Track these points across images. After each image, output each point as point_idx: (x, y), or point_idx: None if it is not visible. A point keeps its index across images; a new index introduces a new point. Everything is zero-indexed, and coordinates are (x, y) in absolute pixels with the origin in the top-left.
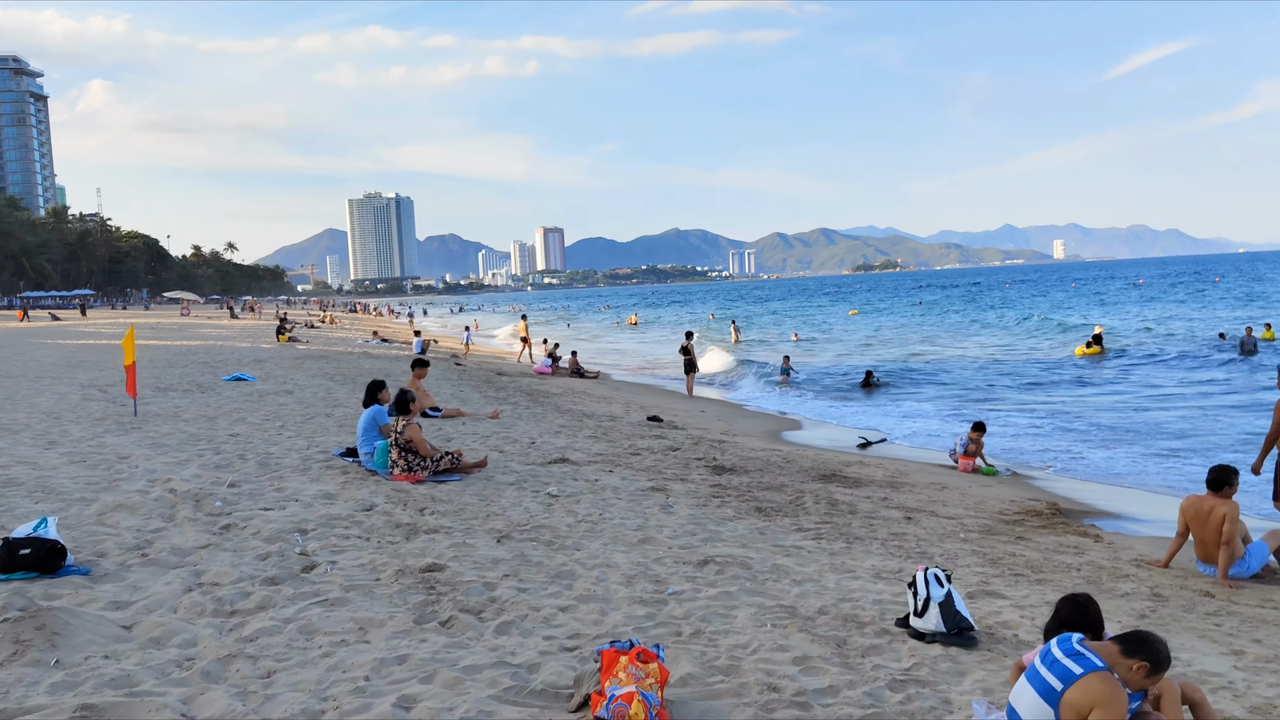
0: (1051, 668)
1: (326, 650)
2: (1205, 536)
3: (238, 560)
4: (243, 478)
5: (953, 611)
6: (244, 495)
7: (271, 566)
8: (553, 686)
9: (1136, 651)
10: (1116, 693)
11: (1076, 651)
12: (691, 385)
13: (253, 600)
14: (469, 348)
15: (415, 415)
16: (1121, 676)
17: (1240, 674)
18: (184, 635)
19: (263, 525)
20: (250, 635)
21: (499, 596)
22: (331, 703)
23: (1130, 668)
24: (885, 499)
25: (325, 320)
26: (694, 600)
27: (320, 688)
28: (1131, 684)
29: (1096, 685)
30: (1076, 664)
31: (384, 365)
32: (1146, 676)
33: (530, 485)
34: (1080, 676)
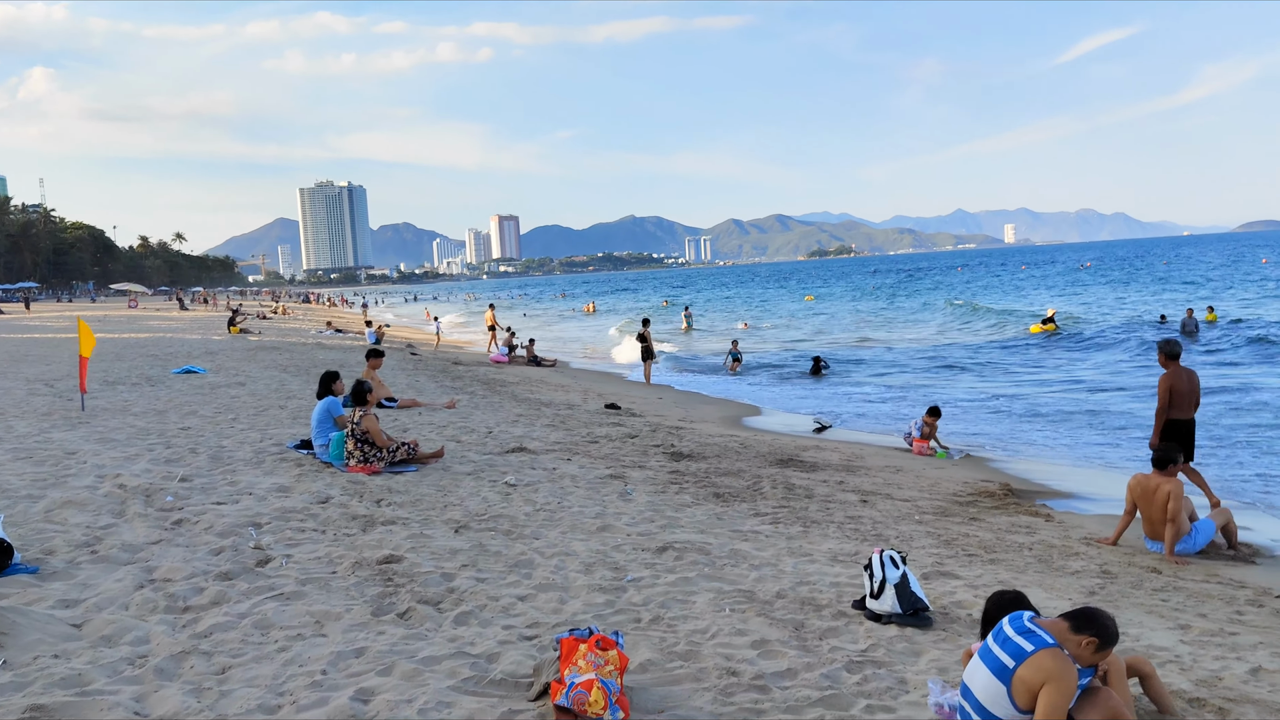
0: (1004, 645)
1: (282, 645)
2: (1152, 514)
3: (190, 556)
4: (194, 472)
5: (908, 593)
6: (196, 490)
7: (225, 561)
8: (512, 676)
9: (1085, 628)
10: (1067, 669)
11: (1028, 629)
12: (649, 373)
13: (206, 596)
14: (440, 338)
15: (372, 406)
16: (1071, 653)
17: (1187, 648)
18: (136, 633)
19: (215, 520)
20: (204, 631)
21: (457, 587)
22: (288, 697)
23: (1080, 644)
24: (841, 483)
25: (278, 311)
26: (653, 586)
27: (276, 683)
28: (1081, 660)
29: (1048, 662)
30: (1028, 641)
31: (338, 356)
32: (1095, 652)
33: (488, 475)
34: (1032, 653)
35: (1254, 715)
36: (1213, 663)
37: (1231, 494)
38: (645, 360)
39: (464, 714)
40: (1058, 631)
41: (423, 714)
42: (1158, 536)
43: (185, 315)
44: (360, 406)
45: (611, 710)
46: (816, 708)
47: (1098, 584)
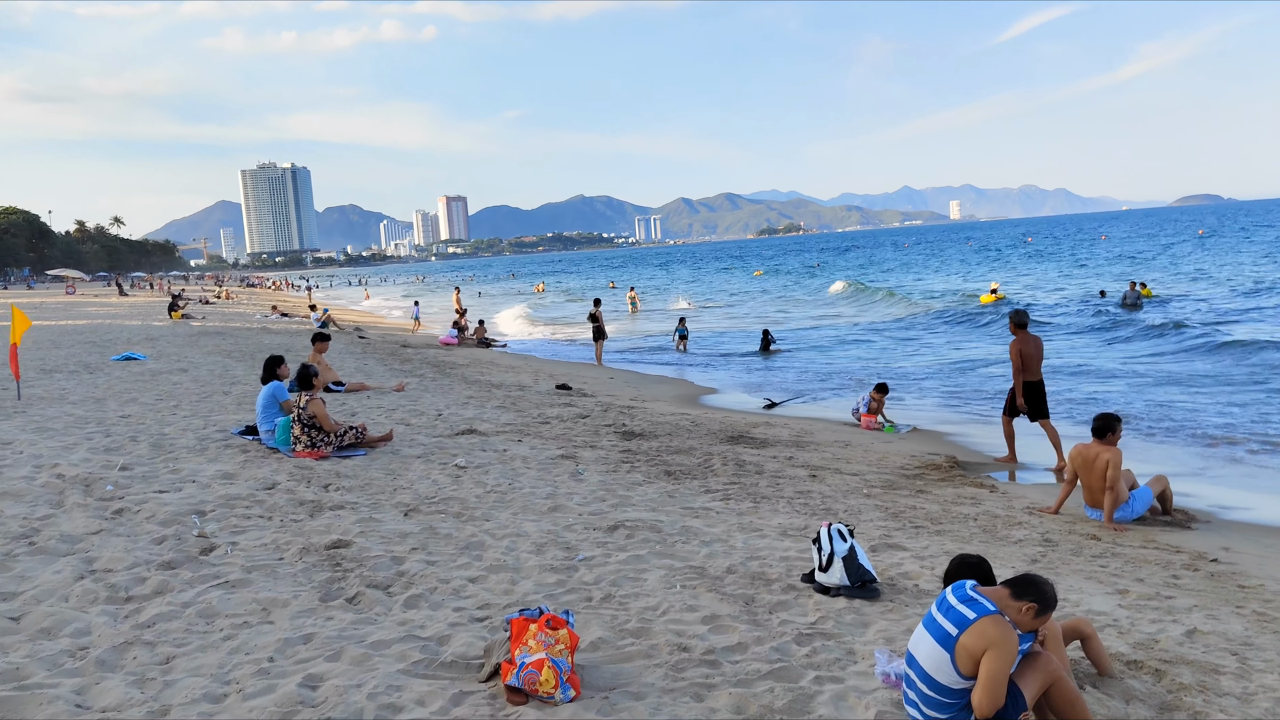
0: (947, 614)
1: (228, 633)
2: (1091, 482)
3: (131, 545)
4: (135, 460)
5: (856, 565)
6: (137, 478)
7: (168, 550)
8: (463, 658)
9: (1025, 594)
10: (1008, 635)
11: (970, 597)
12: (600, 353)
13: (149, 585)
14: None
15: (318, 390)
16: (1012, 619)
17: (1125, 612)
18: (76, 624)
19: (157, 508)
20: (147, 621)
21: (407, 570)
22: (234, 686)
23: (1020, 609)
24: (791, 458)
25: (221, 296)
26: (604, 565)
27: (222, 671)
28: (1022, 625)
29: (989, 629)
30: (970, 609)
31: (284, 340)
32: (1035, 617)
33: (438, 457)
34: (974, 621)
35: (1189, 676)
36: (1149, 626)
37: (1174, 460)
38: (596, 340)
39: (414, 697)
40: (999, 598)
41: (372, 698)
42: (1096, 504)
43: (125, 301)
44: (306, 391)
45: (563, 689)
46: (766, 680)
47: (1039, 552)
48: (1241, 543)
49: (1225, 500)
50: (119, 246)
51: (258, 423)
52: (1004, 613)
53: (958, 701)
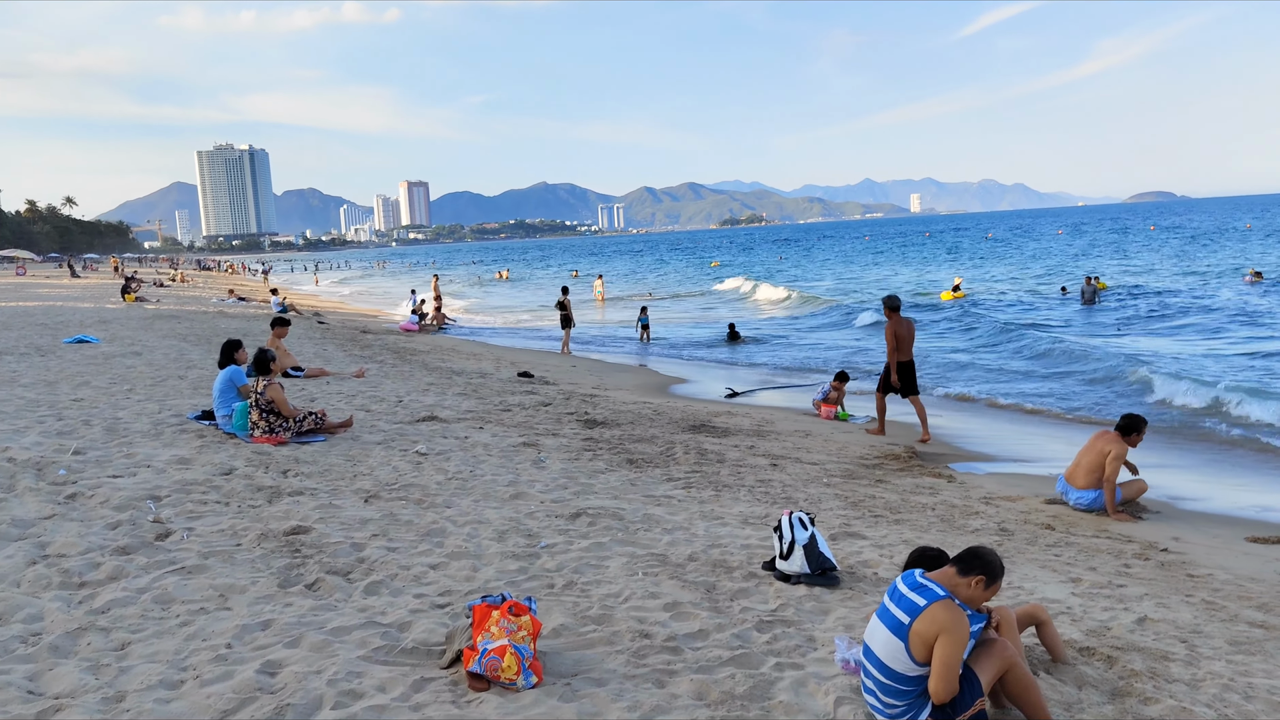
0: (899, 603)
1: (184, 619)
2: (1082, 459)
3: (85, 530)
4: (88, 444)
5: (816, 553)
6: (90, 463)
7: (123, 536)
8: (424, 644)
9: (972, 568)
10: (959, 619)
11: (920, 584)
12: (567, 341)
13: (103, 571)
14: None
15: (276, 375)
16: (964, 597)
17: (1077, 600)
18: (29, 610)
19: (112, 493)
20: (101, 607)
21: (368, 557)
22: (191, 672)
23: (969, 585)
24: (752, 447)
25: (176, 279)
26: (566, 552)
27: (179, 658)
28: (974, 601)
29: (940, 614)
30: (920, 595)
31: (241, 324)
32: (985, 589)
33: (398, 444)
34: (924, 607)
35: (1140, 663)
36: (1102, 613)
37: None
38: (565, 328)
39: (375, 684)
40: (947, 579)
41: (332, 685)
42: (1073, 480)
43: (77, 283)
44: (264, 376)
45: (525, 676)
46: (728, 667)
47: (995, 541)
48: (1191, 533)
49: (1180, 491)
50: (71, 227)
51: (214, 407)
52: (955, 593)
53: (914, 689)
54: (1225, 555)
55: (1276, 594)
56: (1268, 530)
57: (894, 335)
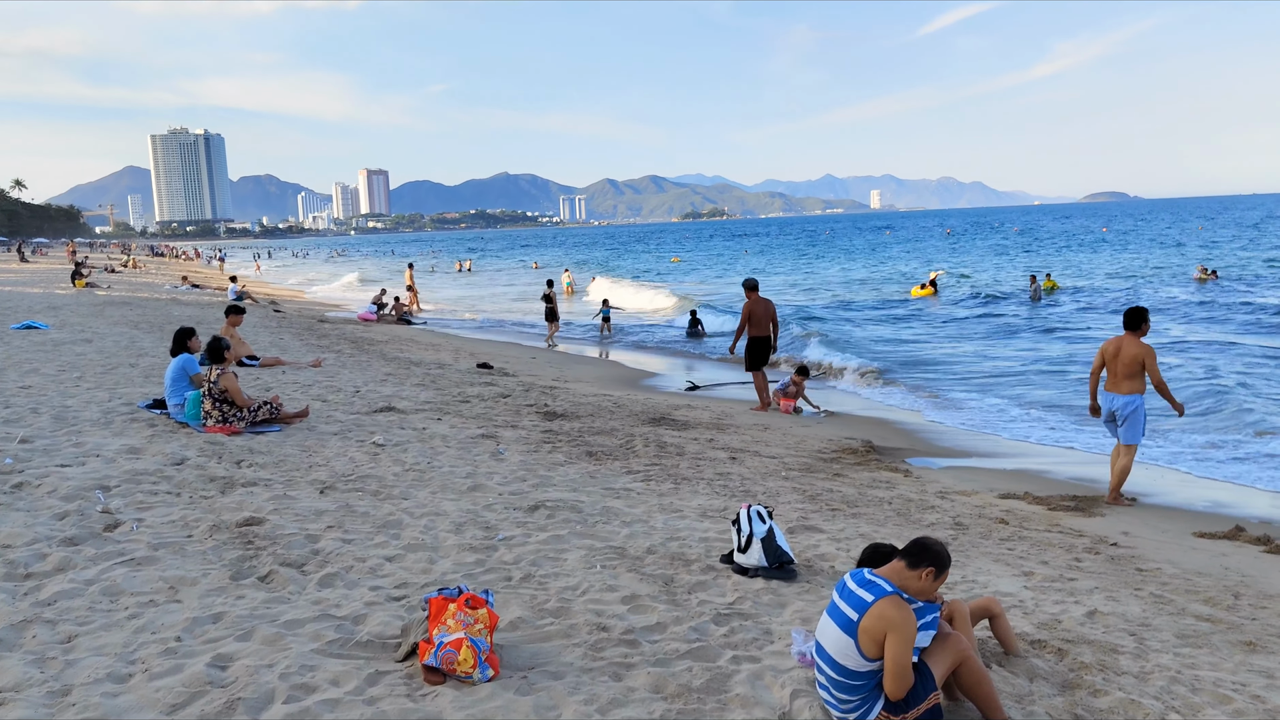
0: (848, 599)
1: (133, 612)
2: (1116, 369)
3: (32, 521)
4: (36, 433)
5: (774, 546)
6: (37, 451)
7: (70, 526)
8: (379, 637)
9: (921, 560)
10: (907, 615)
11: (868, 580)
12: (552, 334)
13: (50, 562)
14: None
15: (230, 364)
16: (915, 590)
17: (1030, 593)
18: None
19: (59, 483)
20: (47, 599)
21: (322, 549)
22: (140, 666)
23: (919, 577)
24: (711, 440)
25: (128, 265)
26: (524, 545)
27: (127, 650)
28: (925, 593)
29: (888, 610)
30: (869, 592)
31: (195, 312)
32: (935, 579)
33: (355, 435)
34: (872, 604)
35: (1090, 655)
36: (1053, 607)
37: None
38: (549, 321)
39: (329, 677)
40: (896, 574)
41: (285, 679)
42: (1116, 389)
43: (26, 268)
44: (218, 364)
45: (481, 669)
46: (685, 660)
47: (950, 535)
48: (1140, 528)
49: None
50: (20, 210)
51: (166, 396)
52: (905, 587)
53: (866, 684)
54: (1173, 550)
55: (1222, 588)
56: (1215, 524)
57: (749, 312)
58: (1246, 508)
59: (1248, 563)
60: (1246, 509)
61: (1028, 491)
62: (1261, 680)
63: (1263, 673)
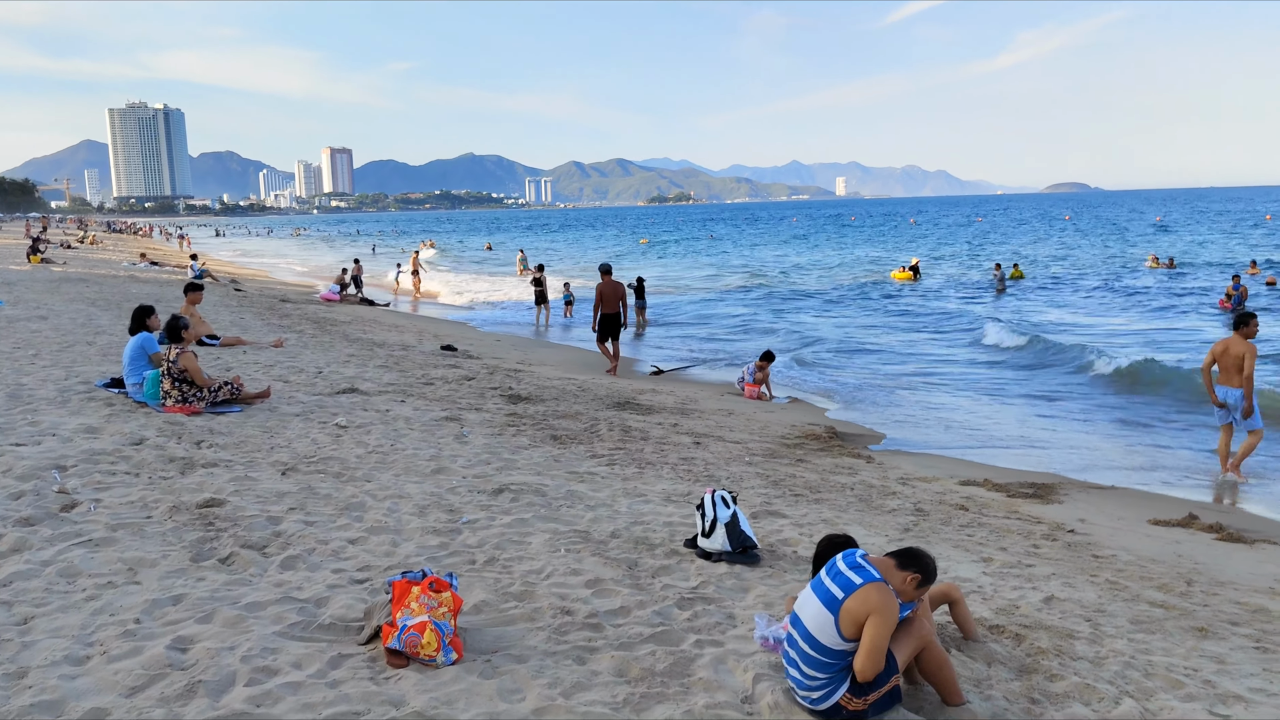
0: (835, 578)
1: (91, 593)
2: (1226, 365)
3: None
4: None
5: (738, 531)
6: None
7: (26, 506)
8: (342, 620)
9: (910, 565)
10: (890, 602)
11: (858, 564)
12: (540, 316)
13: (5, 543)
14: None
15: (189, 343)
16: (895, 587)
17: (989, 579)
18: None
19: (15, 462)
20: (3, 580)
21: (284, 531)
22: (98, 648)
23: (904, 579)
24: (676, 425)
25: (85, 241)
26: (488, 528)
27: (85, 633)
28: (904, 594)
29: (873, 595)
30: (857, 575)
31: (153, 290)
32: (917, 588)
33: (317, 416)
34: (859, 586)
35: (1046, 640)
36: (1011, 592)
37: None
38: (539, 305)
39: (291, 660)
40: (884, 568)
41: (246, 661)
42: (1229, 383)
43: None
44: (176, 343)
45: (445, 652)
46: (648, 644)
47: (911, 521)
48: (1096, 515)
49: (1087, 470)
50: None
51: (124, 375)
52: (888, 581)
53: (836, 663)
54: (1128, 537)
55: (1175, 574)
56: (1170, 511)
57: (600, 294)
58: (1200, 495)
59: (1200, 550)
60: (1200, 496)
61: (987, 479)
62: (1213, 665)
63: (1214, 658)
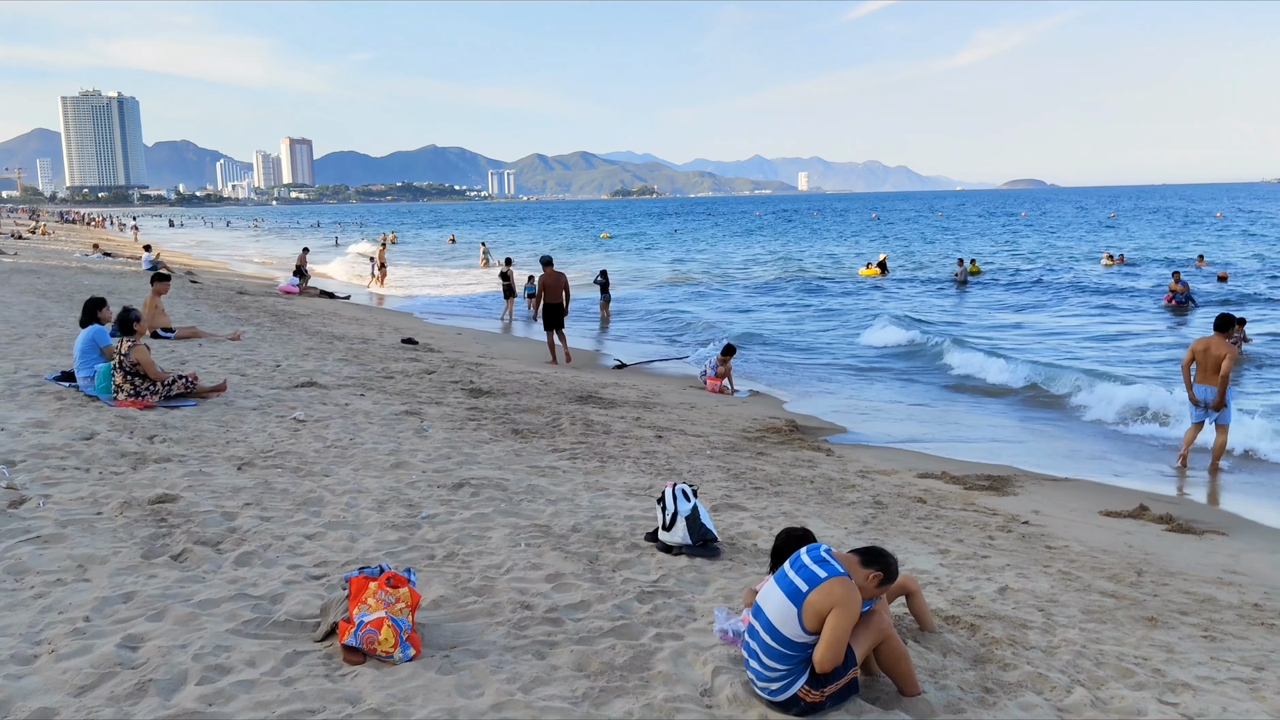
0: (800, 572)
1: (40, 591)
2: (1206, 364)
3: None
4: None
5: (698, 524)
6: None
7: None
8: (297, 616)
9: (873, 563)
10: (854, 596)
11: (823, 558)
12: (510, 311)
13: None
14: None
15: (141, 335)
16: (858, 584)
17: (945, 570)
18: None
19: None
20: None
21: (239, 526)
22: (46, 646)
23: (866, 576)
24: (638, 419)
25: (36, 231)
26: (448, 523)
27: (33, 631)
28: (865, 591)
29: (837, 589)
30: (821, 569)
31: (106, 281)
32: (879, 585)
33: (275, 410)
34: (824, 580)
35: (1000, 630)
36: (966, 583)
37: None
38: (508, 298)
39: (244, 658)
40: (848, 563)
41: (198, 659)
42: (1206, 382)
43: None
44: (129, 336)
45: (402, 648)
46: (608, 638)
47: (870, 513)
48: (1050, 506)
49: (1038, 465)
50: None
51: (75, 368)
52: (851, 577)
53: (797, 655)
54: (1081, 528)
55: (1126, 565)
56: (1121, 502)
57: (542, 285)
58: (1151, 486)
59: (1150, 540)
60: (1151, 487)
61: (945, 471)
62: (1162, 654)
63: (1163, 647)
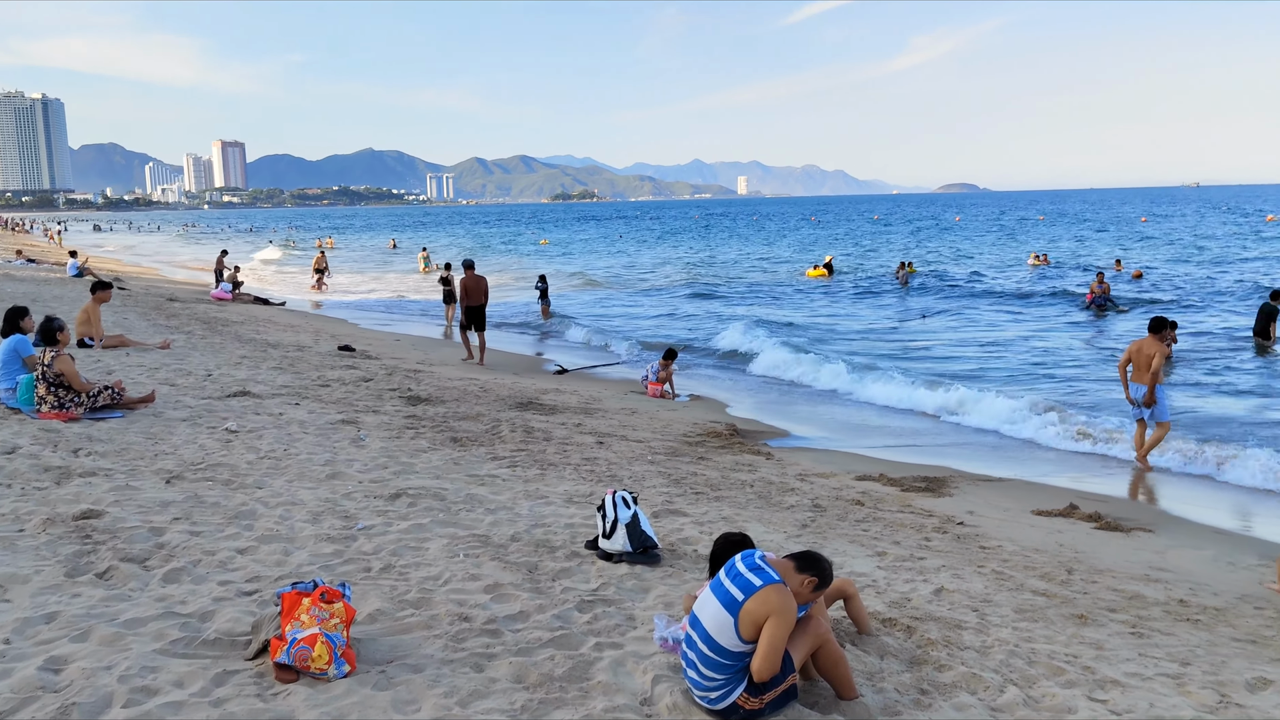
0: (735, 580)
1: None
2: (1140, 363)
3: None
4: None
5: (638, 531)
6: None
7: None
8: (228, 634)
9: (808, 568)
10: (789, 604)
11: (757, 566)
12: (451, 317)
13: None
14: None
15: (64, 345)
16: (792, 589)
17: (882, 573)
18: None
19: None
20: None
21: (168, 542)
22: None
23: (802, 582)
24: (579, 425)
25: None
26: (385, 535)
27: None
28: (800, 596)
29: (773, 597)
30: (757, 577)
31: (30, 289)
32: (814, 591)
33: (206, 421)
34: (759, 588)
35: (936, 632)
36: (904, 585)
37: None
38: (448, 304)
39: (172, 679)
40: (783, 569)
41: (124, 681)
42: (1140, 381)
43: None
44: (51, 346)
45: (337, 664)
46: (548, 648)
47: (809, 517)
48: (984, 507)
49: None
50: None
51: None
52: (786, 583)
53: (734, 664)
54: (1013, 528)
55: (1057, 564)
56: (1052, 501)
57: (464, 287)
58: (1081, 484)
59: (1080, 539)
60: (1081, 485)
61: (883, 473)
62: (1091, 652)
63: (1092, 644)
